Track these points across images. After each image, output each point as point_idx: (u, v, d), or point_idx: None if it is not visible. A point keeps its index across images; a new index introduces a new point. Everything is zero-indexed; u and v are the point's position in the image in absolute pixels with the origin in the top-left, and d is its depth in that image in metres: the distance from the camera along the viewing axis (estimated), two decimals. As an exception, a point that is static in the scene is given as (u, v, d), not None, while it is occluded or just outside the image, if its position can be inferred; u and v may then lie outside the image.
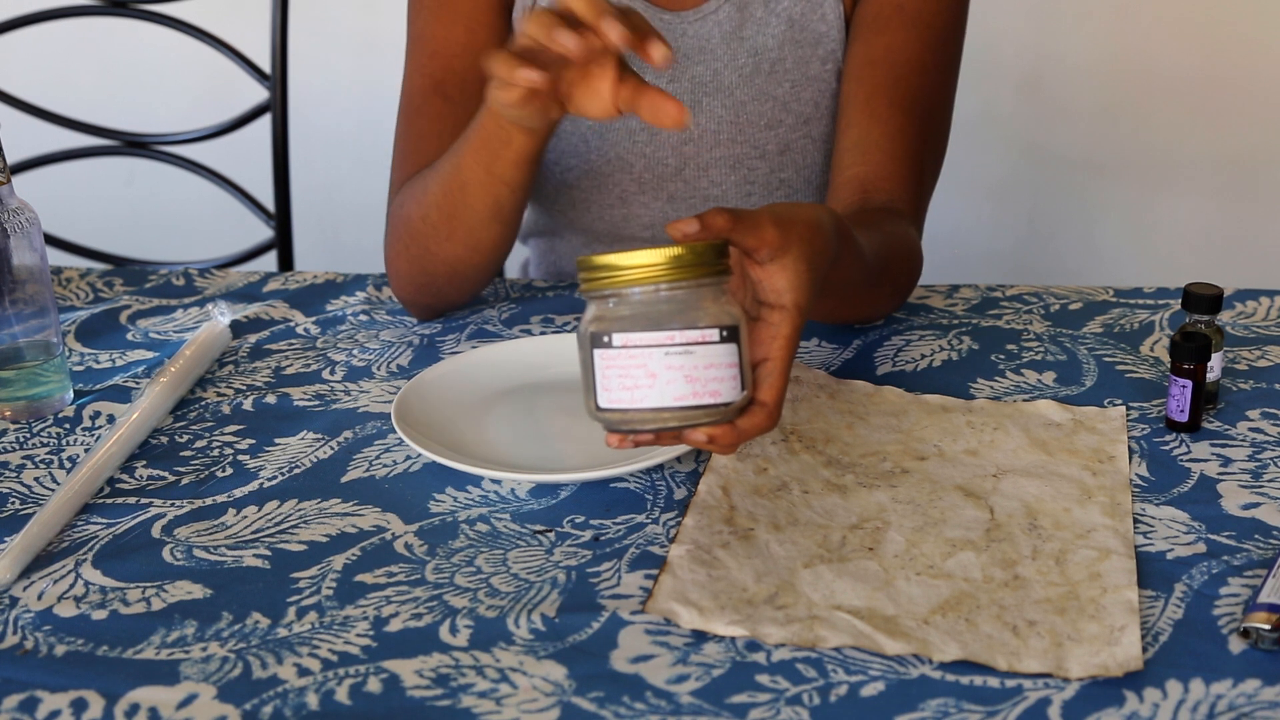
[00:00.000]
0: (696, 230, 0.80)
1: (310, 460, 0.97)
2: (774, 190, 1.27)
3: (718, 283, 0.80)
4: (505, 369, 1.07)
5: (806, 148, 1.26)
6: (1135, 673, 0.73)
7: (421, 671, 0.75)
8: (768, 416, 0.82)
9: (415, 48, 1.23)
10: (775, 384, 0.82)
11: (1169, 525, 0.86)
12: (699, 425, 0.80)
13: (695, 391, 0.78)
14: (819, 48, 1.23)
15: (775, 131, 1.24)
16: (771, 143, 1.25)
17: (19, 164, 1.69)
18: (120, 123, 1.72)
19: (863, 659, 0.75)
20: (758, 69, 1.23)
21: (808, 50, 1.23)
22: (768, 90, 1.23)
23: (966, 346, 1.12)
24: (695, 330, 0.78)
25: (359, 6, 2.29)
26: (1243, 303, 1.19)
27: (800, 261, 0.83)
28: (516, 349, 1.10)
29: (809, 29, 1.22)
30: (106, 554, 0.87)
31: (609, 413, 0.80)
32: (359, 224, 2.28)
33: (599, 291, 0.79)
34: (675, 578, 0.81)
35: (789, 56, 1.23)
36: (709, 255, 0.79)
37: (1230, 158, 2.21)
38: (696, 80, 1.23)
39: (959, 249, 2.31)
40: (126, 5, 1.65)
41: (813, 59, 1.23)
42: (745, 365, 0.80)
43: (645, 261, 0.78)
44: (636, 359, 0.78)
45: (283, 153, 1.68)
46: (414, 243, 1.14)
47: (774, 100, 1.24)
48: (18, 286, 1.02)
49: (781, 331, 0.82)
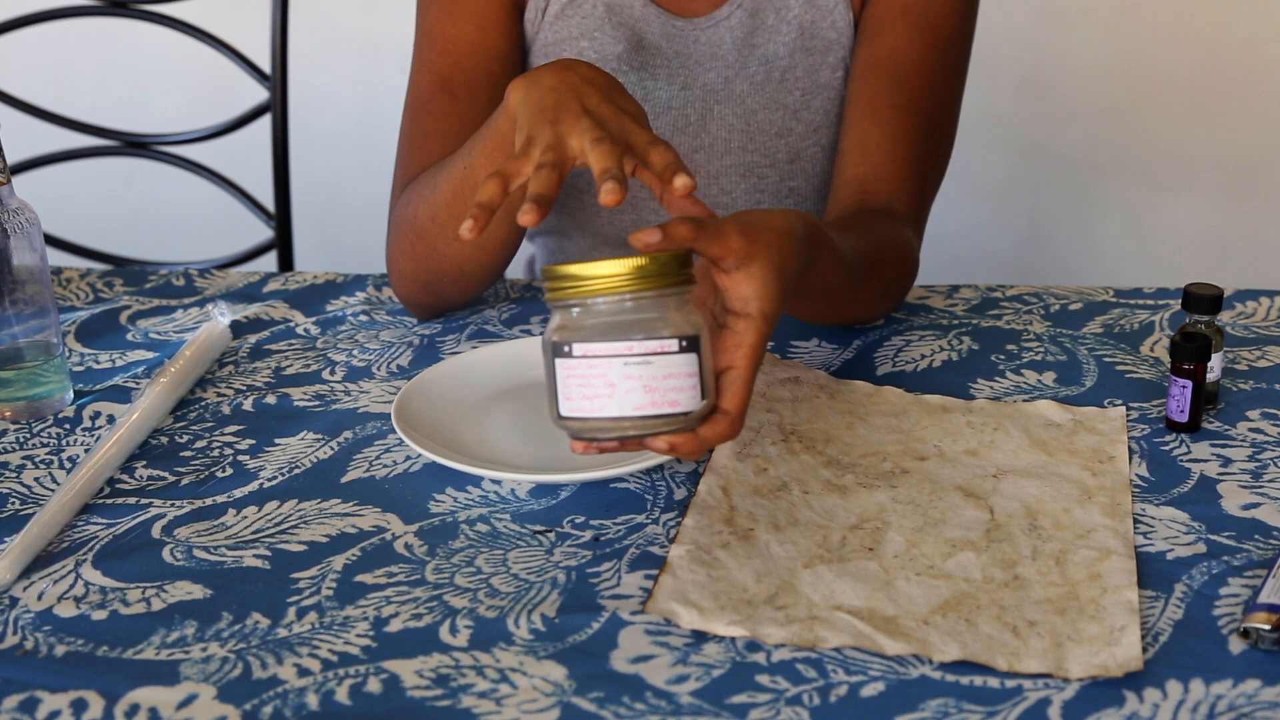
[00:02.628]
0: (659, 240, 0.80)
1: (310, 460, 0.97)
2: (783, 198, 1.27)
3: (680, 293, 0.80)
4: (505, 369, 1.07)
5: (816, 156, 1.26)
6: (1135, 673, 0.73)
7: (421, 672, 0.75)
8: (730, 425, 0.82)
9: (424, 44, 1.23)
10: (738, 392, 0.82)
11: (1169, 525, 0.86)
12: (660, 434, 0.80)
13: (654, 401, 0.79)
14: (829, 55, 1.23)
15: (785, 140, 1.24)
16: (782, 151, 1.25)
17: (19, 164, 1.69)
18: (120, 123, 1.72)
19: (863, 659, 0.75)
20: (769, 77, 1.23)
21: (818, 58, 1.23)
22: (778, 98, 1.23)
23: (966, 347, 1.12)
24: (655, 340, 0.78)
25: (359, 6, 2.29)
26: (1243, 303, 1.19)
27: (767, 270, 0.83)
28: (516, 349, 1.10)
29: (819, 36, 1.22)
30: (106, 554, 0.87)
31: (570, 421, 0.81)
32: (359, 224, 2.28)
33: (563, 301, 0.80)
34: (675, 578, 0.81)
35: (800, 64, 1.23)
36: (672, 265, 0.80)
37: (1231, 158, 2.21)
38: (708, 88, 1.23)
39: (959, 249, 2.31)
40: (126, 5, 1.65)
41: (823, 66, 1.23)
42: (707, 375, 0.80)
43: (608, 272, 0.79)
44: (596, 369, 0.79)
45: (283, 153, 1.68)
46: (420, 242, 1.14)
47: (784, 108, 1.24)
48: (18, 286, 1.02)
49: (746, 340, 0.82)
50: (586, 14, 1.22)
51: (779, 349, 1.12)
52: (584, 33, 1.22)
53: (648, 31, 1.22)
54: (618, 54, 1.22)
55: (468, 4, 1.21)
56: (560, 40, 1.23)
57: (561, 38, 1.23)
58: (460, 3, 1.21)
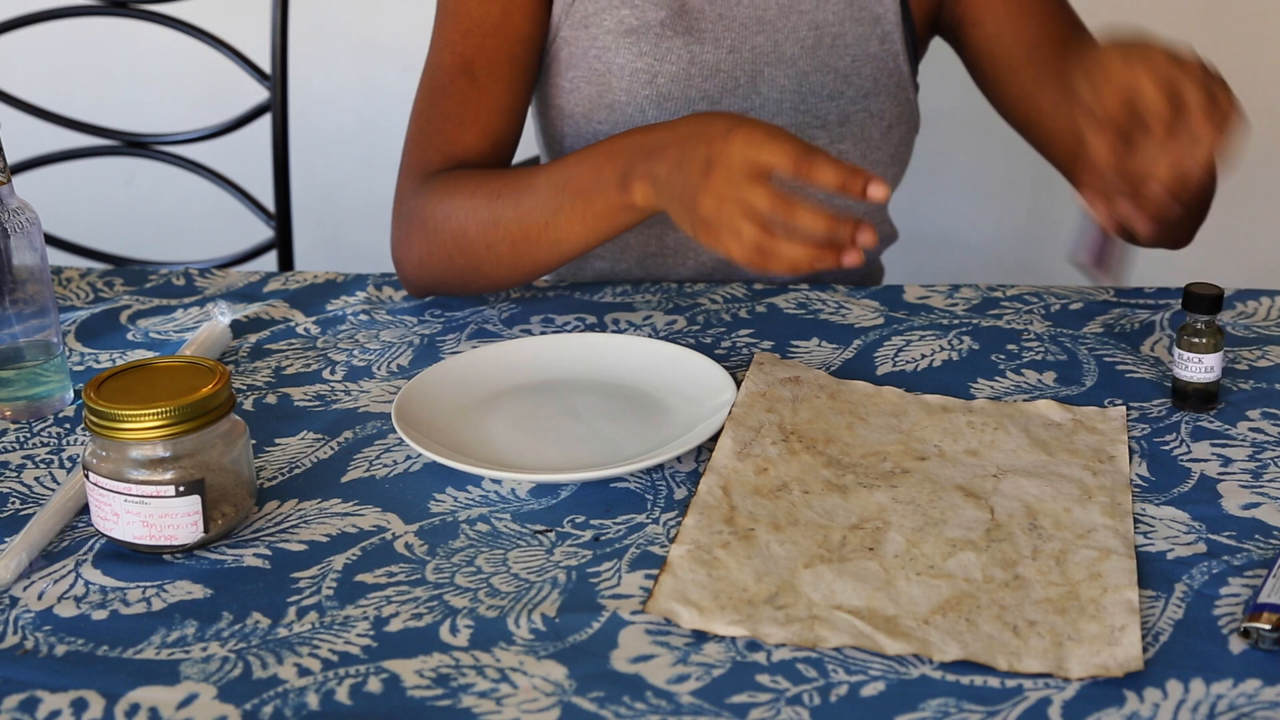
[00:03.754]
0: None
1: (310, 460, 0.97)
2: None
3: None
4: (505, 369, 1.07)
5: (865, 121, 1.26)
6: (1135, 673, 0.73)
7: (422, 671, 0.75)
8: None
9: (448, 23, 1.22)
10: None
11: (1169, 525, 0.86)
12: None
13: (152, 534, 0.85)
14: (877, 27, 1.24)
15: (837, 103, 1.25)
16: (833, 113, 1.25)
17: (19, 164, 1.69)
18: (120, 123, 1.72)
19: (863, 659, 0.75)
20: (820, 41, 1.24)
21: (867, 28, 1.24)
22: (829, 62, 1.24)
23: (966, 346, 1.12)
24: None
25: (359, 6, 2.29)
26: (1243, 303, 1.19)
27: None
28: (516, 349, 1.10)
29: (867, 9, 1.24)
30: (106, 554, 0.87)
31: None
32: (359, 224, 2.27)
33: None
34: (675, 578, 0.81)
35: (849, 32, 1.24)
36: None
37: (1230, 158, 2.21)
38: (757, 50, 1.23)
39: (959, 249, 2.31)
40: (126, 5, 1.65)
41: (871, 37, 1.24)
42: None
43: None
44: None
45: (283, 153, 1.68)
46: (461, 256, 1.14)
47: (835, 72, 1.24)
48: (18, 286, 1.02)
49: None
50: None
51: (779, 349, 1.12)
52: (624, 0, 1.22)
53: None
54: (660, 20, 1.22)
55: None
56: (600, 10, 1.22)
57: (601, 6, 1.22)
58: None
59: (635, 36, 1.22)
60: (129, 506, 0.84)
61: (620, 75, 1.23)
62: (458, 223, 1.15)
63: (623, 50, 1.22)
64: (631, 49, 1.22)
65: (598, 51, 1.23)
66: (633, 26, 1.22)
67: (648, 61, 1.22)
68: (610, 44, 1.23)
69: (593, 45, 1.23)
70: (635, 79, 1.23)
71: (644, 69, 1.23)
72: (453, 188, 1.17)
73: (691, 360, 1.06)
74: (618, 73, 1.23)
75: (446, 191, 1.17)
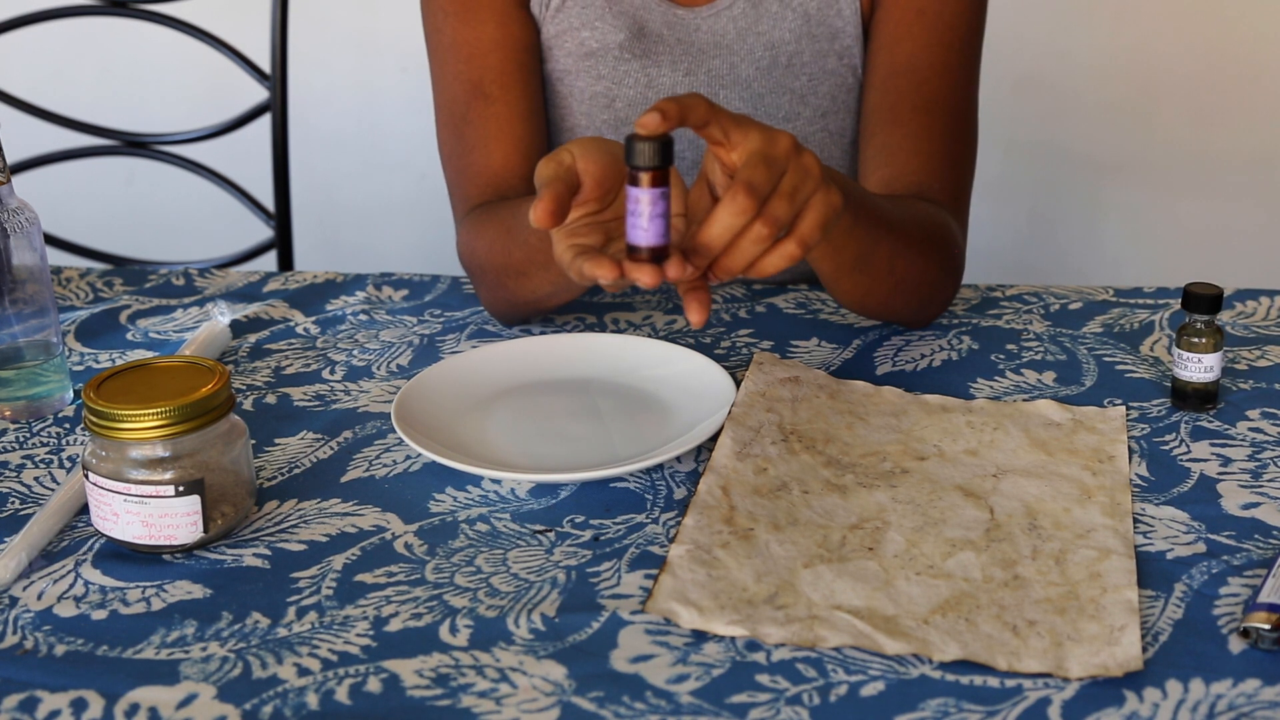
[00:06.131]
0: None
1: (310, 460, 0.97)
2: None
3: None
4: (505, 369, 1.07)
5: (824, 141, 1.26)
6: (1135, 673, 0.73)
7: (421, 671, 0.75)
8: None
9: (448, 57, 1.22)
10: None
11: (1169, 525, 0.86)
12: None
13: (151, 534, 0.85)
14: (835, 43, 1.23)
15: (793, 124, 1.24)
16: None
17: (19, 164, 1.69)
18: (120, 123, 1.72)
19: (863, 659, 0.75)
20: (775, 62, 1.23)
21: (824, 45, 1.23)
22: (785, 83, 1.23)
23: (966, 346, 1.12)
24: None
25: (359, 6, 2.29)
26: (1243, 303, 1.19)
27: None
28: (516, 349, 1.10)
29: (825, 24, 1.22)
30: (106, 554, 0.87)
31: None
32: (359, 224, 2.27)
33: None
34: (675, 578, 0.81)
35: (806, 50, 1.23)
36: None
37: (1232, 157, 2.21)
38: (713, 74, 1.23)
39: (959, 249, 2.30)
40: (126, 5, 1.65)
41: (829, 54, 1.23)
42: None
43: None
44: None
45: (282, 153, 1.68)
46: (502, 290, 1.13)
47: (791, 93, 1.24)
48: (18, 286, 1.02)
49: None
50: (586, 4, 1.22)
51: (779, 349, 1.12)
52: (585, 23, 1.22)
53: (649, 20, 1.22)
54: (619, 42, 1.22)
55: (483, 4, 1.21)
56: (561, 33, 1.23)
57: (563, 29, 1.23)
58: (476, 7, 1.21)
59: (594, 60, 1.22)
60: (129, 506, 0.84)
61: (580, 99, 1.24)
62: (486, 258, 1.14)
63: (582, 74, 1.23)
64: (590, 72, 1.23)
65: (559, 74, 1.24)
66: (592, 49, 1.22)
67: (605, 85, 1.23)
68: (571, 67, 1.23)
69: (555, 68, 1.24)
70: (594, 103, 1.23)
71: (602, 93, 1.23)
72: (480, 226, 1.17)
73: (691, 360, 1.06)
74: (578, 96, 1.24)
75: (476, 230, 1.17)
